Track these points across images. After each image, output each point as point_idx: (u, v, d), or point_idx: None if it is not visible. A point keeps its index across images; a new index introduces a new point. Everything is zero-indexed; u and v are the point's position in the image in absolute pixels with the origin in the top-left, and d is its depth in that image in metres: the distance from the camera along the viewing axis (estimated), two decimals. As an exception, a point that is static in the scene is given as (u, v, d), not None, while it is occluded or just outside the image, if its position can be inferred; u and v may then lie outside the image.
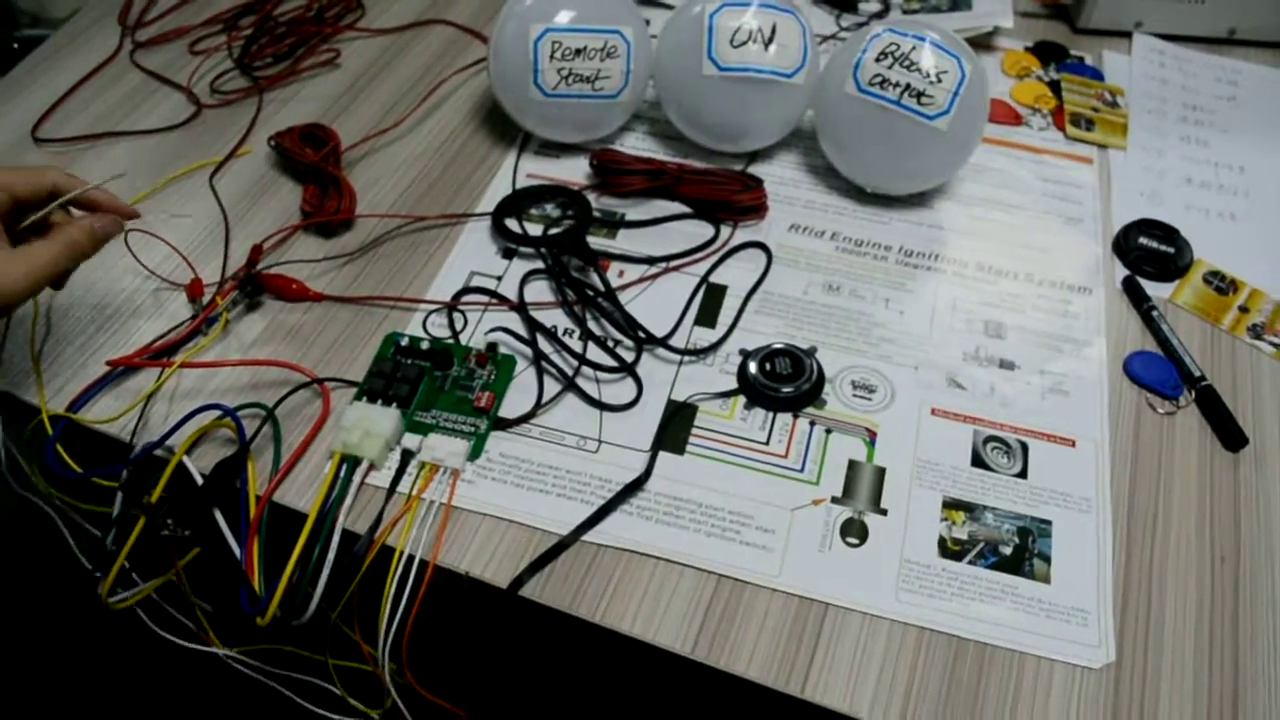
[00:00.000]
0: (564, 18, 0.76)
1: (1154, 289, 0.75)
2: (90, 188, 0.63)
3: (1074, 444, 0.66)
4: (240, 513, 0.61)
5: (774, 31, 0.76)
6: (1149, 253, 0.77)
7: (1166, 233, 0.78)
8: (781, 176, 0.82)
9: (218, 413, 0.64)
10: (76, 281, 0.72)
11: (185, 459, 0.62)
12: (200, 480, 0.62)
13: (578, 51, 0.76)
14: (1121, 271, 0.77)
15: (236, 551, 0.60)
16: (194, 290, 0.71)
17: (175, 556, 0.64)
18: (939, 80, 0.73)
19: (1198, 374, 0.69)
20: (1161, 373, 0.70)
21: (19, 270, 0.58)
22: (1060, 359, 0.71)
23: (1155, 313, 0.73)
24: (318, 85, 0.89)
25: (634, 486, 0.62)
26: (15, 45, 1.20)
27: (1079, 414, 0.68)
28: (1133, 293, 0.75)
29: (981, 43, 0.94)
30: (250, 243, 0.74)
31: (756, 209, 0.78)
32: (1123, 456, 0.66)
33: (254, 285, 0.71)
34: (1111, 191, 0.83)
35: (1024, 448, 0.66)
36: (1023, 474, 0.64)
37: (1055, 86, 0.91)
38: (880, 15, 0.95)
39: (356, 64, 0.91)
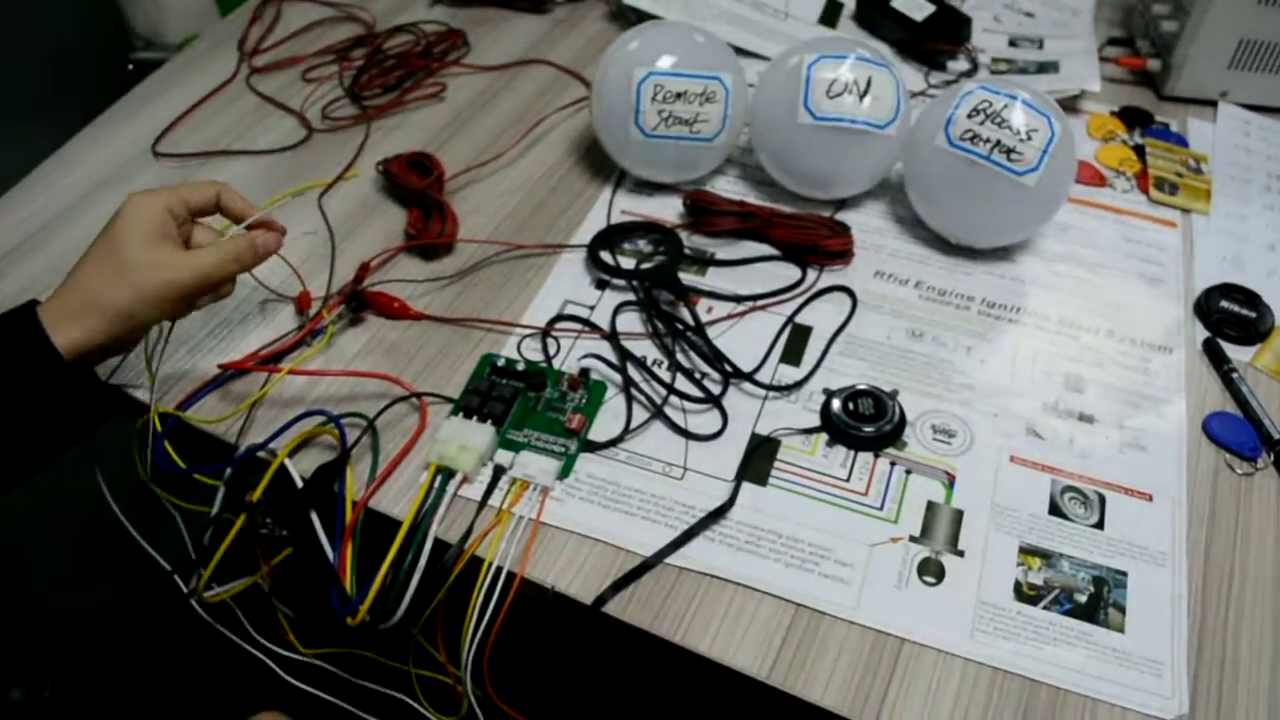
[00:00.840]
0: (666, 62, 0.79)
1: (1235, 352, 0.76)
2: (260, 212, 0.68)
3: (1151, 498, 0.67)
4: (336, 517, 0.63)
5: (869, 84, 0.78)
6: (1230, 316, 0.78)
7: (1248, 297, 0.79)
8: (868, 225, 0.85)
9: (321, 419, 0.67)
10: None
11: (287, 461, 0.65)
12: (300, 483, 0.65)
13: (678, 95, 0.79)
14: (1202, 333, 0.78)
15: (330, 554, 0.62)
16: (302, 303, 0.75)
17: (268, 555, 0.66)
18: (1029, 138, 0.75)
19: (1277, 436, 0.70)
20: (1240, 434, 0.71)
21: (190, 265, 0.63)
22: (1139, 415, 0.72)
23: (1236, 375, 0.74)
24: (423, 116, 0.93)
25: (717, 514, 0.64)
26: (130, 66, 1.27)
27: (1157, 469, 0.69)
28: (1213, 354, 0.76)
29: (1067, 105, 0.96)
30: (355, 261, 0.77)
31: (843, 254, 0.80)
32: (1199, 513, 0.66)
33: (359, 301, 0.75)
34: (1194, 255, 0.84)
35: (1101, 499, 0.67)
36: (1099, 525, 0.65)
37: (1140, 151, 0.93)
38: (968, 74, 0.98)
39: (460, 98, 0.95)
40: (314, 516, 0.63)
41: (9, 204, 0.84)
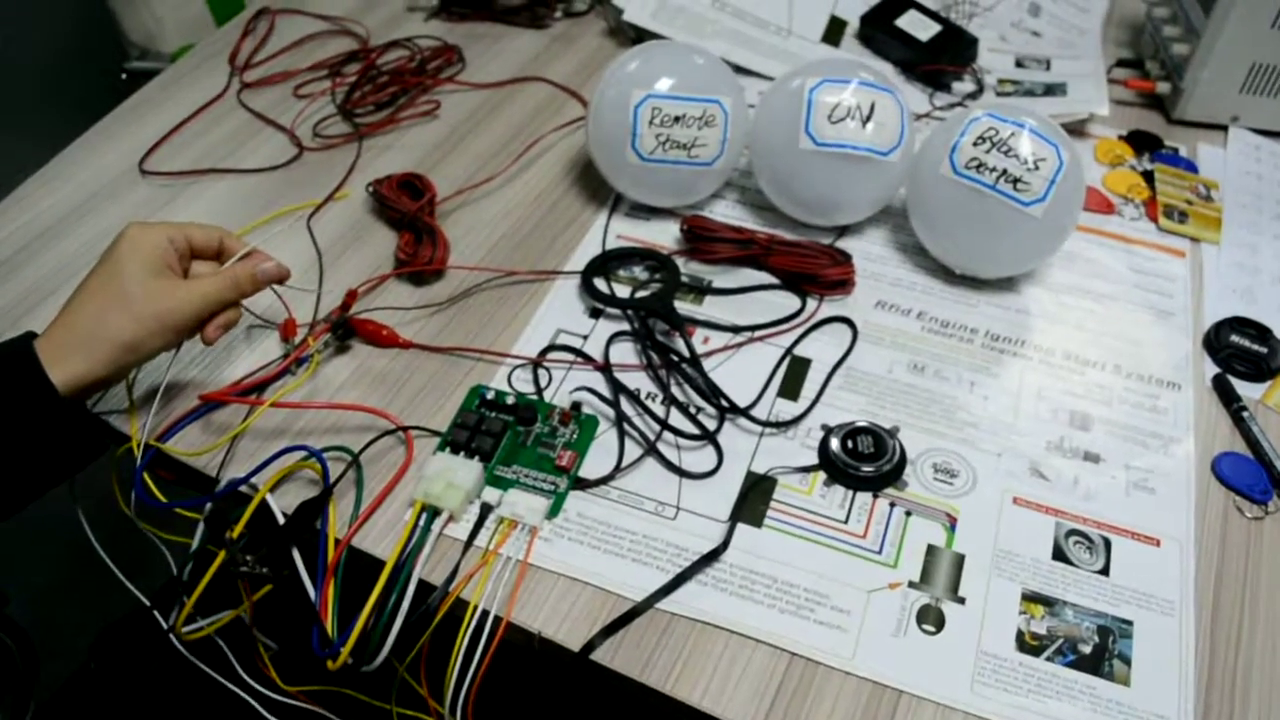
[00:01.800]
0: (665, 85, 0.77)
1: (1245, 389, 0.74)
2: (251, 248, 0.68)
3: (1158, 543, 0.65)
4: (319, 554, 0.61)
5: (872, 110, 0.76)
6: (1241, 351, 0.76)
7: (1260, 332, 0.77)
8: (870, 252, 0.83)
9: (303, 453, 0.65)
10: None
11: (269, 497, 0.63)
12: (282, 519, 0.63)
13: (676, 119, 0.77)
14: (1212, 369, 0.76)
15: (311, 593, 0.60)
16: (287, 330, 0.73)
17: (249, 592, 0.65)
18: (1036, 167, 0.73)
19: (1289, 480, 0.68)
20: (1251, 476, 0.69)
21: (190, 295, 0.64)
22: (1147, 455, 0.70)
23: (1246, 413, 0.72)
24: (416, 134, 0.91)
25: (711, 557, 0.62)
26: (124, 76, 1.26)
27: (1164, 512, 0.67)
28: (1223, 391, 0.74)
29: (1075, 129, 0.94)
30: (344, 286, 0.75)
31: (844, 284, 0.78)
32: (1208, 559, 0.64)
33: (345, 329, 0.73)
34: (1204, 286, 0.82)
35: (1107, 544, 0.65)
36: (1105, 571, 0.63)
37: (1149, 177, 0.91)
38: (974, 96, 0.96)
39: (455, 115, 0.94)
40: (296, 554, 0.62)
41: (-11, 224, 0.83)
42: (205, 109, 0.93)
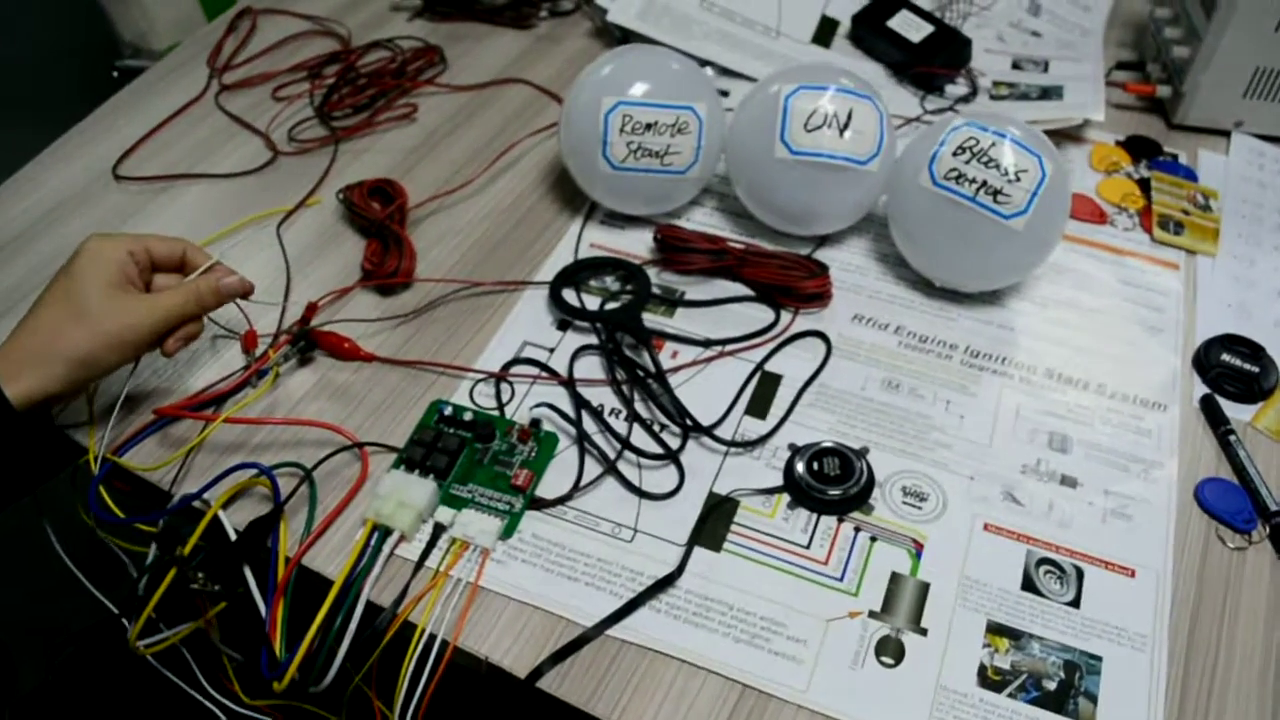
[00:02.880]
0: (638, 90, 0.75)
1: (1234, 410, 0.71)
2: (214, 261, 0.68)
3: (1133, 574, 0.62)
4: (270, 573, 0.60)
5: (850, 117, 0.74)
6: (1232, 371, 0.73)
7: (1253, 350, 0.74)
8: (849, 263, 0.80)
9: (254, 471, 0.64)
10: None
11: (221, 513, 0.62)
12: (234, 536, 0.62)
13: (648, 126, 0.75)
14: (1200, 389, 0.73)
15: (263, 611, 0.59)
16: (248, 342, 0.72)
17: (204, 608, 0.64)
18: (1018, 179, 0.70)
19: (1275, 508, 0.65)
20: (1235, 503, 0.66)
21: (149, 310, 0.63)
22: (1127, 479, 0.67)
23: (1233, 437, 0.69)
24: (393, 138, 0.90)
25: (665, 582, 0.61)
26: (115, 74, 1.25)
27: (1141, 541, 0.64)
28: (1210, 413, 0.71)
29: (1071, 134, 0.91)
30: (311, 296, 0.74)
31: (820, 296, 0.76)
32: (1185, 592, 0.62)
33: (307, 341, 0.72)
34: (1197, 301, 0.79)
35: (1079, 573, 0.62)
36: (1075, 603, 0.61)
37: (1145, 185, 0.87)
38: (967, 99, 0.93)
39: (433, 119, 0.92)
40: (248, 572, 0.61)
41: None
42: (182, 112, 0.91)
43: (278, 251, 0.79)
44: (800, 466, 0.65)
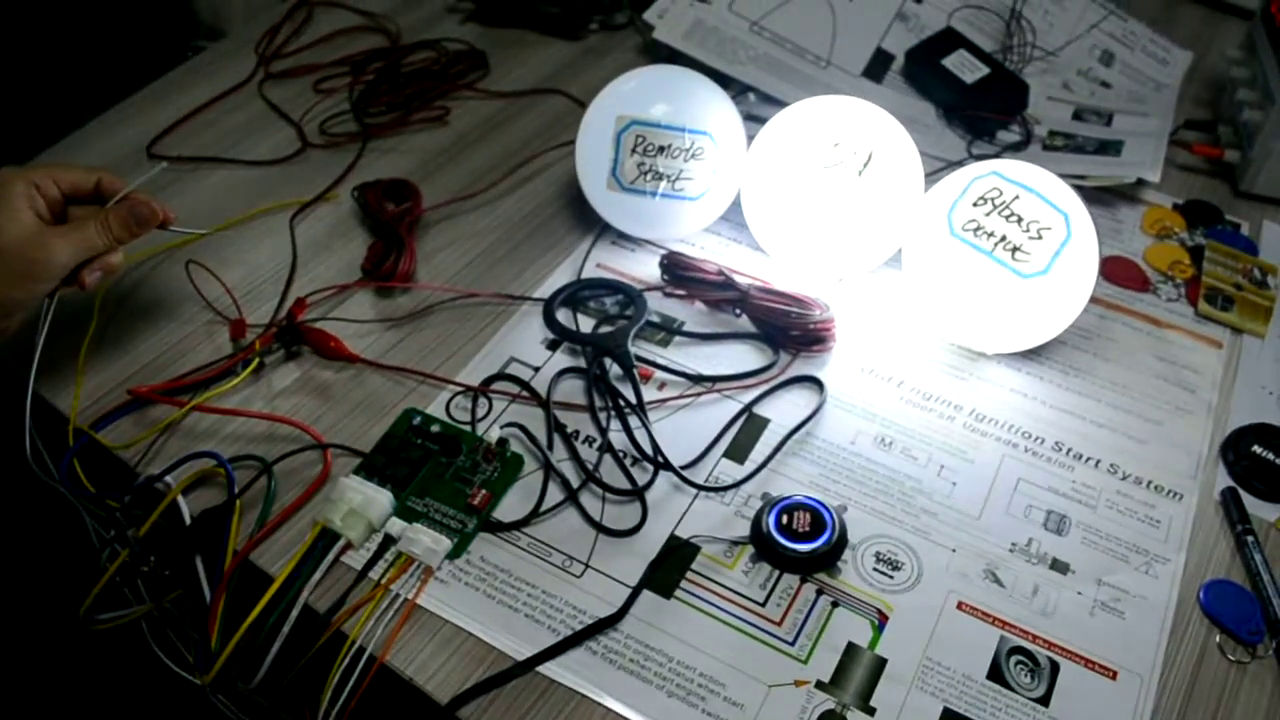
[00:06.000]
0: (657, 112, 0.73)
1: (1258, 508, 0.65)
2: (130, 188, 0.66)
3: (1115, 675, 0.57)
4: (218, 565, 0.60)
5: (869, 158, 0.70)
6: (1261, 465, 0.67)
7: (1289, 444, 0.68)
8: (864, 308, 0.76)
9: (211, 461, 0.63)
10: (138, 297, 0.74)
11: (180, 499, 0.62)
12: (189, 522, 0.62)
13: (661, 149, 0.73)
14: (1224, 480, 0.67)
15: (207, 600, 0.59)
16: (236, 330, 0.72)
17: (153, 592, 0.64)
18: (1040, 236, 0.66)
19: (1286, 621, 0.59)
20: (1242, 611, 0.60)
21: (59, 244, 0.62)
22: (1124, 571, 0.62)
23: (1251, 538, 0.63)
24: (422, 140, 0.89)
25: (605, 624, 0.58)
26: (190, 55, 1.27)
27: (1130, 641, 0.59)
28: (1230, 508, 0.65)
29: (1127, 193, 0.86)
30: (313, 288, 0.74)
31: (822, 340, 0.72)
32: (1170, 703, 0.57)
33: (293, 335, 0.71)
34: (1235, 384, 0.73)
35: (1054, 668, 0.57)
36: (1044, 700, 0.56)
37: (1197, 253, 0.81)
38: (1018, 147, 0.88)
39: (465, 123, 0.91)
40: (198, 561, 0.60)
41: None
42: (224, 97, 0.92)
43: (288, 242, 0.79)
44: (770, 519, 0.62)
